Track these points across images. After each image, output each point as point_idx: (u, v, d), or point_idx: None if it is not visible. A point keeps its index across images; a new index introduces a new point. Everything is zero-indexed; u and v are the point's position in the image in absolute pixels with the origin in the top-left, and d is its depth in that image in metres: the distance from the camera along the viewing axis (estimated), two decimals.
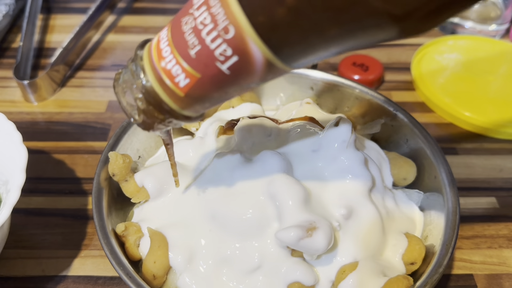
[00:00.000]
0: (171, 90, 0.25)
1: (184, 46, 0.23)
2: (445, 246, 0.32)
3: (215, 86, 0.24)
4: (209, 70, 0.23)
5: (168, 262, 0.32)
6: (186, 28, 0.23)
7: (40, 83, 0.51)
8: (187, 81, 0.24)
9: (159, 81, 0.25)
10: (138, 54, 0.26)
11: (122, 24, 0.62)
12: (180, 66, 0.24)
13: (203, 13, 0.22)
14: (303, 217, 0.31)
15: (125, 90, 0.26)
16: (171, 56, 0.24)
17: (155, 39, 0.25)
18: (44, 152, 0.47)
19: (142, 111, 0.26)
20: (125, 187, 0.36)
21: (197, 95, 0.25)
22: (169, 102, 0.25)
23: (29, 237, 0.40)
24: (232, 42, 0.22)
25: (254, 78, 0.23)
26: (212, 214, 0.33)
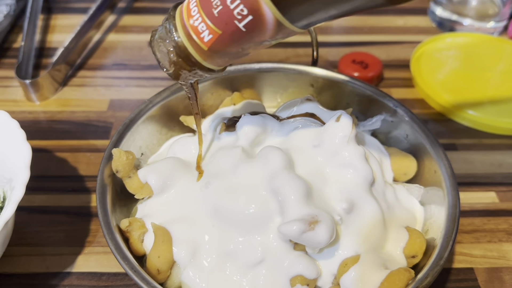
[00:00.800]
0: (197, 44, 0.29)
1: (209, 6, 0.27)
2: (446, 239, 0.32)
3: (233, 41, 0.28)
4: (228, 27, 0.27)
5: (172, 256, 0.33)
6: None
7: (41, 83, 0.51)
8: (210, 36, 0.28)
9: (187, 36, 0.29)
10: (171, 13, 0.30)
11: (122, 23, 0.62)
12: (205, 24, 0.28)
13: None
14: (305, 211, 0.31)
15: (160, 44, 0.31)
16: (198, 14, 0.28)
17: (186, 1, 0.29)
18: (46, 150, 0.47)
19: (173, 62, 0.30)
20: (128, 183, 0.36)
21: (218, 49, 0.29)
22: (195, 55, 0.30)
23: (33, 234, 0.40)
24: (248, 3, 0.26)
25: (266, 36, 0.27)
26: (215, 209, 0.33)
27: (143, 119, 0.40)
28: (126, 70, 0.56)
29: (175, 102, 0.43)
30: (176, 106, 0.43)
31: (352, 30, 0.62)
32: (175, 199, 0.35)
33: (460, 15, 0.61)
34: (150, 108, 0.41)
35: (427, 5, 0.64)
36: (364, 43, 0.60)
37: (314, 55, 0.46)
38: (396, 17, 0.64)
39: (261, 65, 0.45)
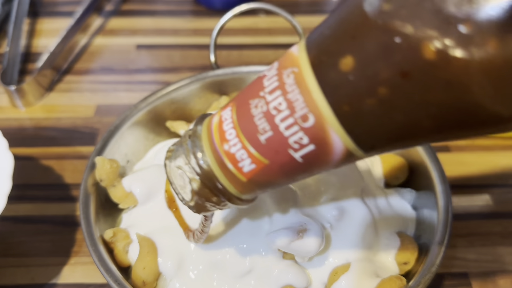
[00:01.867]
0: (233, 174, 0.23)
1: (252, 131, 0.22)
2: (438, 245, 0.31)
3: (283, 173, 0.23)
4: (279, 157, 0.22)
5: (157, 268, 0.32)
6: (255, 112, 0.22)
7: (27, 89, 0.50)
8: (252, 166, 0.23)
9: (219, 164, 0.23)
10: (196, 131, 0.24)
11: (110, 27, 0.61)
12: (246, 151, 0.22)
13: (277, 98, 0.21)
14: (294, 219, 0.30)
15: (178, 169, 0.25)
16: (236, 139, 0.23)
17: (216, 119, 0.24)
18: (32, 158, 0.46)
19: (195, 193, 0.24)
20: (112, 192, 0.35)
21: (261, 180, 0.23)
22: (228, 186, 0.24)
23: (18, 245, 0.39)
24: (310, 131, 0.20)
25: (327, 166, 0.22)
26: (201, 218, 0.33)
27: (128, 125, 0.39)
28: (114, 74, 0.55)
29: (162, 107, 0.42)
30: (163, 111, 0.42)
31: None
32: (161, 209, 0.34)
33: None
34: (135, 113, 0.40)
35: None
36: None
37: None
38: None
39: (249, 68, 0.44)
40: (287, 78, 0.21)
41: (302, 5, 0.65)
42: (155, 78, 0.55)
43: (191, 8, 0.65)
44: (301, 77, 0.20)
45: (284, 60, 0.22)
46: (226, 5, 0.62)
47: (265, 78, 0.22)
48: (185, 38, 0.60)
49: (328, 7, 0.66)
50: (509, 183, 0.44)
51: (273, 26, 0.61)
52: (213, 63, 0.44)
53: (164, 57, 0.57)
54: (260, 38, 0.60)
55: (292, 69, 0.21)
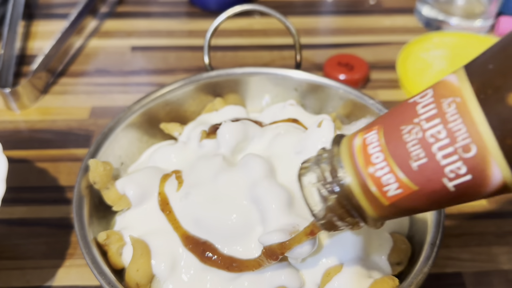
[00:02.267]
0: (375, 197, 0.23)
1: (404, 156, 0.22)
2: (430, 245, 0.31)
3: (429, 200, 0.23)
4: (431, 185, 0.22)
5: (151, 270, 0.32)
6: (408, 138, 0.22)
7: (22, 91, 0.50)
8: (398, 191, 0.23)
9: (361, 186, 0.23)
10: (335, 152, 0.25)
11: (105, 29, 0.61)
12: (394, 176, 0.22)
13: (436, 126, 0.21)
14: (286, 220, 0.30)
15: (314, 186, 0.25)
16: (383, 163, 0.23)
17: (359, 141, 0.24)
18: (27, 160, 0.46)
19: (330, 211, 0.25)
20: (106, 195, 0.35)
21: (403, 206, 0.23)
22: (366, 208, 0.24)
23: (12, 247, 0.40)
24: (470, 162, 0.21)
25: (478, 197, 0.22)
26: (195, 220, 0.33)
27: (122, 127, 0.39)
28: (108, 76, 0.55)
29: (156, 109, 0.42)
30: (157, 113, 0.42)
31: (338, 32, 0.62)
32: (154, 211, 0.34)
33: (447, 14, 0.61)
34: (129, 115, 0.40)
35: (414, 4, 0.64)
36: (350, 45, 0.59)
37: (297, 58, 0.45)
38: (383, 17, 0.64)
39: (244, 69, 0.44)
40: (448, 107, 0.21)
41: (297, 6, 0.65)
42: (150, 79, 0.55)
43: (186, 9, 0.65)
44: (464, 108, 0.21)
45: (441, 88, 0.22)
46: (221, 6, 0.62)
47: (418, 105, 0.22)
48: (180, 40, 0.60)
49: (323, 8, 0.66)
50: None
51: (268, 27, 0.61)
52: (207, 64, 0.44)
53: (159, 58, 0.57)
54: (255, 39, 0.60)
55: (454, 98, 0.21)
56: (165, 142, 0.42)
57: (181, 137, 0.41)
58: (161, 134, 0.42)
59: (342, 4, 0.66)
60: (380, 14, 0.64)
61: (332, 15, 0.65)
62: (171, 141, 0.42)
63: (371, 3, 0.66)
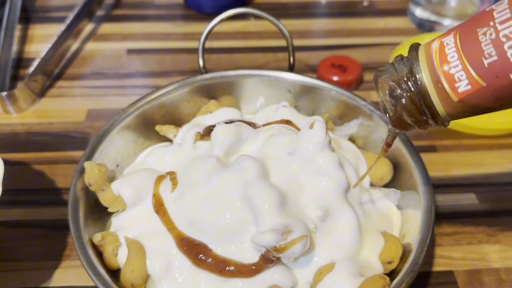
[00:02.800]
0: (446, 93, 0.26)
1: (477, 55, 0.25)
2: (421, 244, 0.32)
3: (495, 96, 0.25)
4: (498, 81, 0.24)
5: (146, 270, 0.32)
6: (483, 38, 0.24)
7: (18, 94, 0.50)
8: (468, 88, 0.25)
9: (435, 82, 0.26)
10: (413, 53, 0.27)
11: (101, 32, 0.62)
12: (465, 73, 0.25)
13: (509, 27, 0.24)
14: (279, 220, 0.31)
15: (390, 85, 0.27)
16: (457, 61, 0.25)
17: (436, 44, 0.26)
18: (23, 163, 0.46)
19: (403, 108, 0.27)
20: (101, 196, 0.36)
21: (471, 102, 0.26)
22: (437, 104, 0.27)
23: (9, 249, 0.40)
24: None
25: None
26: (189, 221, 0.33)
27: (117, 130, 0.40)
28: (105, 79, 0.55)
29: (151, 111, 0.42)
30: (152, 115, 0.42)
31: (332, 33, 0.62)
32: (149, 212, 0.35)
33: (439, 15, 0.61)
34: (124, 118, 0.40)
35: (407, 6, 0.64)
36: (344, 46, 0.60)
37: (290, 61, 0.45)
38: (377, 19, 0.64)
39: (238, 71, 0.45)
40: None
41: (291, 8, 0.66)
42: (145, 82, 0.55)
43: (181, 12, 0.65)
44: None
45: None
46: (216, 9, 0.63)
47: (494, 11, 0.24)
48: (175, 42, 0.60)
49: (317, 10, 0.67)
50: (494, 182, 0.45)
51: (262, 29, 0.62)
52: (201, 67, 0.45)
53: (154, 61, 0.58)
54: (250, 41, 0.60)
55: None
56: (160, 144, 0.42)
57: (176, 139, 0.41)
58: (156, 136, 0.43)
59: (335, 6, 0.67)
60: (373, 16, 0.65)
61: (326, 17, 0.66)
62: (166, 143, 0.43)
63: (365, 5, 0.67)
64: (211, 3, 0.62)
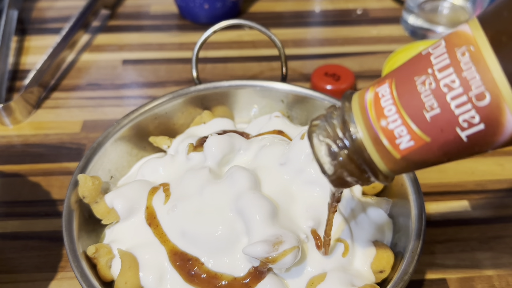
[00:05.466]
0: (387, 151, 0.23)
1: (417, 108, 0.22)
2: (411, 253, 0.32)
3: (442, 151, 0.23)
4: (443, 135, 0.22)
5: (139, 282, 0.33)
6: (422, 89, 0.22)
7: (14, 106, 0.51)
8: (410, 144, 0.23)
9: (373, 139, 0.24)
10: (347, 106, 0.25)
11: (96, 43, 0.62)
12: (406, 128, 0.23)
13: (450, 75, 0.21)
14: (270, 231, 0.31)
15: (324, 142, 0.25)
16: (396, 115, 0.23)
17: (370, 95, 0.24)
18: (19, 175, 0.47)
19: (341, 166, 0.25)
20: (95, 208, 0.36)
21: (416, 158, 0.23)
22: (378, 162, 0.24)
23: (5, 261, 0.40)
24: (484, 110, 0.21)
25: (490, 147, 0.22)
26: (182, 232, 0.33)
27: (111, 141, 0.40)
28: (100, 90, 0.56)
29: (145, 123, 0.43)
30: (146, 126, 0.43)
31: (326, 42, 0.63)
32: (142, 224, 0.35)
33: (432, 23, 0.62)
34: (118, 130, 0.41)
35: (400, 14, 0.65)
36: (338, 55, 0.60)
37: (283, 71, 0.46)
38: (370, 27, 0.65)
39: (231, 82, 0.45)
40: (462, 56, 0.21)
41: (285, 17, 0.66)
42: (141, 92, 0.56)
43: (176, 22, 0.66)
44: (479, 56, 0.21)
45: (454, 38, 0.22)
46: (211, 19, 0.63)
47: (432, 56, 0.22)
48: (170, 53, 0.61)
49: (311, 19, 0.67)
50: (487, 190, 0.45)
51: (256, 39, 0.62)
52: (195, 78, 0.45)
53: (150, 71, 0.58)
54: (244, 51, 0.61)
55: (468, 47, 0.21)
56: (154, 155, 0.43)
57: (169, 150, 0.42)
58: (151, 147, 0.43)
59: (329, 15, 0.67)
60: (367, 24, 0.65)
61: (320, 25, 0.66)
62: (160, 153, 0.43)
63: (358, 13, 0.67)
64: (206, 13, 0.63)
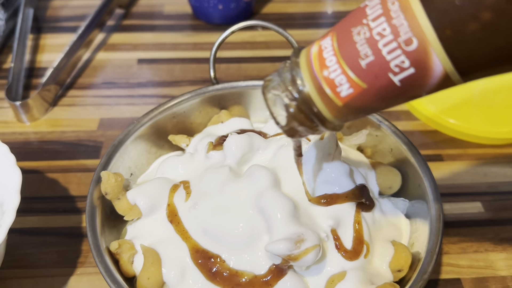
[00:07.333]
0: (330, 99, 0.25)
1: (354, 56, 0.24)
2: (430, 253, 0.33)
3: (379, 97, 0.24)
4: (378, 81, 0.24)
5: (161, 277, 0.33)
6: (358, 38, 0.23)
7: (32, 104, 0.51)
8: (350, 91, 0.24)
9: (317, 89, 0.25)
10: (294, 60, 0.26)
11: (111, 41, 0.63)
12: (345, 76, 0.24)
13: (381, 24, 0.23)
14: (292, 229, 0.31)
15: (276, 96, 0.27)
16: (336, 65, 0.24)
17: (315, 48, 0.26)
18: (37, 171, 0.47)
19: (292, 117, 0.27)
20: (117, 205, 0.36)
21: (356, 105, 0.25)
22: (323, 111, 0.26)
23: (24, 256, 0.41)
24: (413, 54, 0.22)
25: (423, 91, 0.24)
26: (203, 229, 0.34)
27: (131, 139, 0.41)
28: (116, 88, 0.56)
29: (164, 121, 0.43)
30: (165, 125, 0.43)
31: None
32: (164, 220, 0.35)
33: None
34: (138, 128, 0.41)
35: None
36: None
37: None
38: None
39: (247, 82, 0.46)
40: (392, 5, 0.22)
41: (297, 19, 0.67)
42: (156, 91, 0.56)
43: (190, 22, 0.66)
44: (406, 4, 0.22)
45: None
46: (224, 20, 0.64)
47: (367, 8, 0.24)
48: (184, 53, 0.61)
49: (323, 20, 0.68)
50: (499, 191, 0.46)
51: (270, 39, 0.63)
52: (212, 78, 0.46)
53: (164, 71, 0.59)
54: (258, 51, 0.61)
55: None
56: (173, 153, 0.43)
57: (188, 149, 0.42)
58: (169, 145, 0.44)
59: (341, 16, 0.67)
60: None
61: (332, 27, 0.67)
62: (179, 152, 0.44)
63: None
64: (220, 14, 0.64)
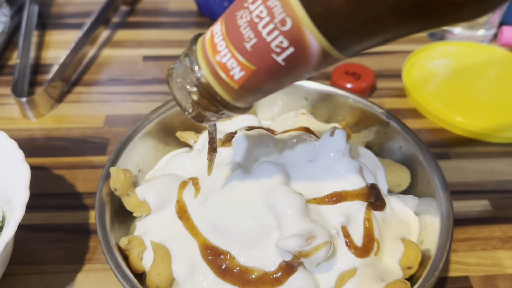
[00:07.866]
0: (226, 83, 0.26)
1: (239, 39, 0.24)
2: (440, 250, 0.33)
3: (269, 77, 0.25)
4: (264, 62, 0.24)
5: (171, 274, 0.33)
6: (241, 22, 0.24)
7: (38, 100, 0.51)
8: (242, 73, 0.25)
9: (213, 74, 0.26)
10: (191, 48, 0.27)
11: (116, 38, 0.63)
12: (235, 60, 0.25)
13: (259, 6, 0.23)
14: (302, 226, 0.31)
15: (179, 84, 0.27)
16: (226, 50, 0.25)
17: (208, 34, 0.26)
18: (44, 168, 0.47)
19: (196, 104, 0.27)
20: (126, 201, 0.36)
21: (251, 87, 0.26)
22: (223, 95, 0.26)
23: (32, 252, 0.41)
24: (289, 34, 0.23)
25: (308, 68, 0.24)
26: (213, 226, 0.34)
27: (139, 136, 0.41)
28: (121, 85, 0.56)
29: (171, 118, 0.43)
30: (172, 122, 0.43)
31: None
32: (173, 217, 0.35)
33: None
34: (146, 124, 0.41)
35: None
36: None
37: None
38: None
39: None
40: None
41: None
42: (161, 89, 0.56)
43: (195, 19, 0.66)
44: None
45: None
46: None
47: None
48: None
49: None
50: (507, 189, 0.46)
51: None
52: None
53: None
54: None
55: None
56: (181, 150, 0.43)
57: (196, 145, 0.42)
58: (176, 142, 0.44)
59: None
60: None
61: None
62: (186, 148, 0.43)
63: None
64: (225, 10, 0.63)
